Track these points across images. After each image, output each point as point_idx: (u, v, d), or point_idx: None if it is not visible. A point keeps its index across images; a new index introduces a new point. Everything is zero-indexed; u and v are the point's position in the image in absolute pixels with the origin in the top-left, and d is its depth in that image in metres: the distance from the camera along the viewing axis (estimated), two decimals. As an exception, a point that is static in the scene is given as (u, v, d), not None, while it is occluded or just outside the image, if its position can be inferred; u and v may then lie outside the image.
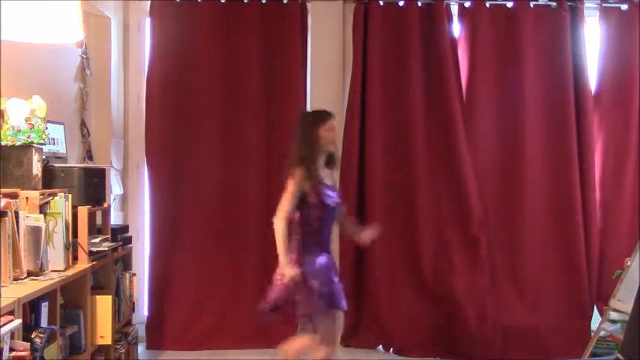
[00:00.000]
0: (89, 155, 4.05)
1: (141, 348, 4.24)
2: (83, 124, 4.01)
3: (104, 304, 3.16)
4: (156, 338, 4.40)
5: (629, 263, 3.63)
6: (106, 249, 3.28)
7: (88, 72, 4.03)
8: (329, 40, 4.54)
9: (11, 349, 1.99)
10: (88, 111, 4.08)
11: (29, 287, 2.39)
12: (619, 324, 3.68)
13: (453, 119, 4.37)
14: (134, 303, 3.91)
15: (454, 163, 4.38)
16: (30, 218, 2.65)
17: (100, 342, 3.17)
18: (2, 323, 1.94)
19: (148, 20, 4.48)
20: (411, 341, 4.37)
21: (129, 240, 3.85)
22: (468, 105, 4.45)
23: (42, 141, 2.85)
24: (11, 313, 2.08)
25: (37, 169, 2.85)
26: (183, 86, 4.44)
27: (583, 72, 4.42)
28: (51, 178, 3.07)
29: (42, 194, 2.78)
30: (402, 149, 4.44)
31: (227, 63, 4.44)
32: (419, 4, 4.42)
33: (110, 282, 3.43)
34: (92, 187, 3.28)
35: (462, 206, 4.37)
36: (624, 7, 4.44)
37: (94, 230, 3.43)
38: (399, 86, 4.44)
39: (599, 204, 4.45)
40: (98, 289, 3.30)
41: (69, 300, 2.96)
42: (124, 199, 4.57)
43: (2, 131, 2.76)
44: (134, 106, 4.57)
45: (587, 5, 4.46)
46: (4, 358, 1.93)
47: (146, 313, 4.47)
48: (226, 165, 4.45)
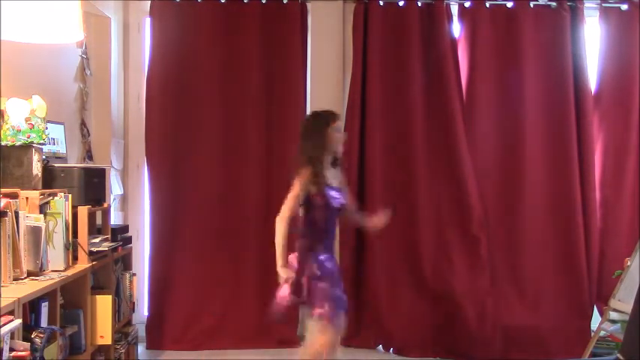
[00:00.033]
0: (89, 155, 4.05)
1: (141, 348, 4.24)
2: (83, 124, 4.01)
3: (104, 304, 3.16)
4: (156, 338, 4.40)
5: (629, 263, 3.63)
6: (106, 249, 3.28)
7: (88, 72, 4.03)
8: (329, 40, 4.54)
9: (11, 349, 1.99)
10: (88, 111, 4.08)
11: (29, 287, 2.39)
12: (619, 324, 3.67)
13: (453, 119, 4.37)
14: (134, 303, 3.90)
15: (454, 163, 4.38)
16: (30, 218, 2.65)
17: (100, 342, 3.17)
18: (2, 323, 1.94)
19: (148, 20, 4.48)
20: (411, 341, 4.37)
21: (129, 240, 3.85)
22: (468, 105, 4.45)
23: (42, 141, 2.85)
24: (11, 313, 2.08)
25: (37, 169, 2.85)
26: (183, 86, 4.44)
27: (583, 72, 4.42)
28: (51, 178, 3.07)
29: (42, 194, 2.78)
30: (402, 149, 4.44)
31: (227, 63, 4.44)
32: (419, 4, 4.42)
33: (110, 282, 3.43)
34: (92, 187, 3.28)
35: (462, 206, 4.37)
36: (624, 7, 4.44)
37: (94, 230, 3.43)
38: (399, 86, 4.44)
39: (599, 204, 4.45)
40: (98, 289, 3.30)
41: (69, 300, 2.96)
42: (124, 199, 4.57)
43: (2, 131, 2.76)
44: (134, 106, 4.58)
45: (587, 5, 4.46)
46: (4, 358, 1.93)
47: (146, 313, 4.47)
48: (226, 165, 4.45)
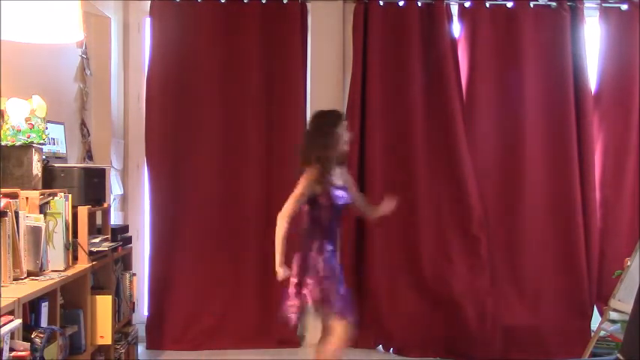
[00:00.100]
0: (89, 155, 4.05)
1: (141, 348, 4.24)
2: (83, 124, 4.01)
3: (104, 304, 3.17)
4: (156, 338, 4.40)
5: (629, 263, 3.63)
6: (106, 249, 3.28)
7: (88, 72, 4.03)
8: (329, 40, 4.53)
9: (11, 349, 1.99)
10: (88, 111, 4.08)
11: (29, 287, 2.39)
12: (619, 324, 3.67)
13: (453, 119, 4.36)
14: (134, 303, 3.91)
15: (454, 163, 4.37)
16: (30, 218, 2.65)
17: (100, 342, 3.17)
18: (2, 323, 1.94)
19: (148, 20, 4.48)
20: (411, 341, 4.37)
21: (129, 240, 3.85)
22: (468, 105, 4.44)
23: (42, 141, 2.85)
24: (11, 313, 2.08)
25: (37, 169, 2.85)
26: (183, 86, 4.43)
27: (583, 72, 4.42)
28: (51, 178, 3.07)
29: (42, 194, 2.78)
30: (402, 149, 4.43)
31: (227, 63, 4.44)
32: (419, 4, 4.42)
33: (110, 282, 3.43)
34: (92, 187, 3.28)
35: (462, 206, 4.37)
36: (624, 7, 4.44)
37: (94, 230, 3.43)
38: (399, 86, 4.43)
39: (599, 204, 4.45)
40: (98, 289, 3.30)
41: (69, 300, 2.96)
42: (124, 199, 4.57)
43: (2, 131, 2.77)
44: (134, 106, 4.57)
45: (587, 5, 4.45)
46: (4, 358, 1.93)
47: (146, 313, 4.47)
48: (226, 165, 4.45)
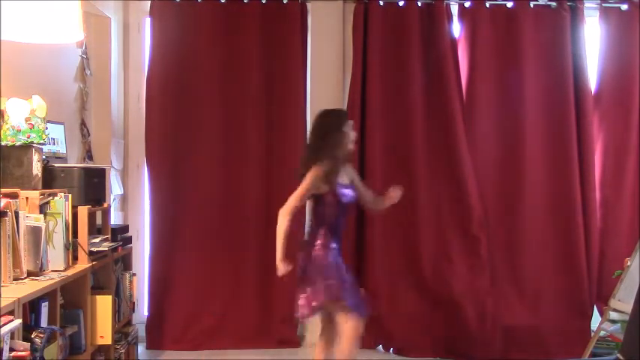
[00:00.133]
0: (89, 155, 4.05)
1: (141, 348, 4.24)
2: (83, 124, 4.01)
3: (104, 304, 3.17)
4: (156, 338, 4.40)
5: (629, 263, 3.63)
6: (106, 249, 3.28)
7: (88, 72, 4.03)
8: (329, 40, 4.53)
9: (11, 349, 1.99)
10: (88, 111, 4.08)
11: (29, 287, 2.39)
12: (619, 324, 3.67)
13: (453, 119, 4.36)
14: (134, 303, 3.91)
15: (454, 163, 4.37)
16: (30, 218, 2.65)
17: (100, 342, 3.17)
18: (2, 323, 1.94)
19: (148, 20, 4.48)
20: (411, 341, 4.37)
21: (129, 240, 3.85)
22: (468, 105, 4.44)
23: (42, 141, 2.85)
24: (11, 313, 2.08)
25: (37, 169, 2.85)
26: (183, 86, 4.43)
27: (583, 72, 4.42)
28: (51, 178, 3.07)
29: (42, 194, 2.78)
30: (402, 149, 4.43)
31: (227, 63, 4.44)
32: (419, 4, 4.42)
33: (110, 282, 3.43)
34: (92, 187, 3.28)
35: (462, 206, 4.37)
36: (624, 7, 4.44)
37: (94, 230, 3.43)
38: (399, 86, 4.43)
39: (599, 204, 4.45)
40: (98, 289, 3.30)
41: (69, 300, 2.96)
42: (124, 199, 4.57)
43: (2, 131, 2.77)
44: (134, 106, 4.57)
45: (587, 5, 4.45)
46: (4, 358, 1.93)
47: (146, 313, 4.47)
48: (226, 165, 4.45)
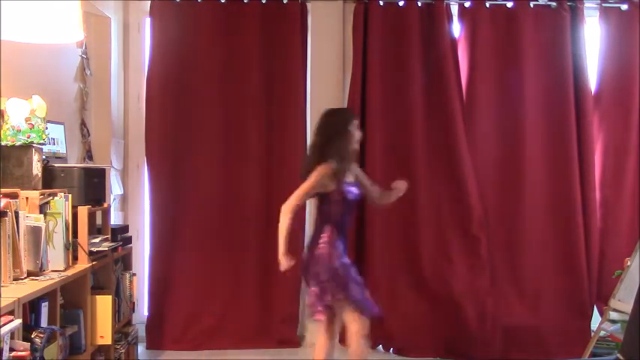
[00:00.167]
0: (89, 155, 4.05)
1: (141, 348, 4.24)
2: (83, 124, 4.01)
3: (104, 304, 3.17)
4: (156, 338, 4.40)
5: (629, 263, 3.63)
6: (106, 249, 3.28)
7: (88, 72, 4.03)
8: (329, 40, 4.53)
9: (11, 349, 1.99)
10: (88, 111, 4.08)
11: (29, 287, 2.39)
12: (619, 324, 3.68)
13: (453, 119, 4.36)
14: (134, 303, 3.90)
15: (454, 163, 4.37)
16: (30, 218, 2.65)
17: (100, 342, 3.17)
18: (2, 323, 1.94)
19: (148, 20, 4.48)
20: (411, 341, 4.37)
21: (129, 240, 3.85)
22: (468, 105, 4.44)
23: (42, 141, 2.85)
24: (11, 313, 2.08)
25: (37, 169, 2.85)
26: (183, 86, 4.43)
27: (583, 72, 4.42)
28: (51, 178, 3.07)
29: (42, 194, 2.78)
30: (402, 149, 4.43)
31: (227, 63, 4.44)
32: (419, 4, 4.42)
33: (110, 282, 3.43)
34: (92, 187, 3.28)
35: (462, 206, 4.37)
36: (624, 7, 4.44)
37: (94, 230, 3.43)
38: (399, 86, 4.43)
39: (599, 204, 4.45)
40: (98, 289, 3.30)
41: (69, 300, 2.96)
42: (124, 199, 4.57)
43: (2, 131, 2.77)
44: (134, 106, 4.57)
45: (587, 5, 4.45)
46: (4, 358, 1.93)
47: (146, 313, 4.47)
48: (226, 165, 4.45)
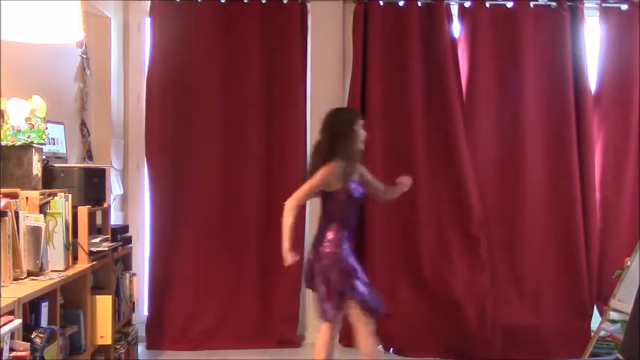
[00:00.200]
0: (89, 155, 4.05)
1: (141, 348, 4.24)
2: (83, 124, 4.01)
3: (104, 304, 3.17)
4: (156, 338, 4.40)
5: (629, 263, 3.63)
6: (106, 249, 3.28)
7: (88, 72, 4.03)
8: (329, 40, 4.53)
9: (11, 349, 1.99)
10: (88, 111, 4.08)
11: (29, 287, 2.39)
12: (619, 324, 3.68)
13: (453, 119, 4.36)
14: (134, 303, 3.91)
15: (454, 163, 4.38)
16: (30, 218, 2.65)
17: (100, 342, 3.17)
18: (2, 323, 1.94)
19: (148, 20, 4.48)
20: (411, 341, 4.37)
21: (129, 240, 3.85)
22: (468, 105, 4.44)
23: (42, 141, 2.85)
24: (11, 313, 2.08)
25: (37, 169, 2.85)
26: (183, 86, 4.44)
27: (583, 72, 4.42)
28: (51, 178, 3.07)
29: (42, 194, 2.78)
30: (402, 149, 4.43)
31: (227, 63, 4.44)
32: (419, 4, 4.42)
33: (110, 282, 3.43)
34: (92, 187, 3.28)
35: (462, 206, 4.37)
36: (624, 7, 4.44)
37: (94, 230, 3.43)
38: (399, 86, 4.43)
39: (599, 204, 4.45)
40: (98, 289, 3.30)
41: (69, 300, 2.96)
42: (124, 199, 4.57)
43: (2, 131, 2.76)
44: (134, 106, 4.58)
45: (587, 5, 4.46)
46: (4, 358, 1.93)
47: (146, 313, 4.47)
48: (226, 165, 4.45)
